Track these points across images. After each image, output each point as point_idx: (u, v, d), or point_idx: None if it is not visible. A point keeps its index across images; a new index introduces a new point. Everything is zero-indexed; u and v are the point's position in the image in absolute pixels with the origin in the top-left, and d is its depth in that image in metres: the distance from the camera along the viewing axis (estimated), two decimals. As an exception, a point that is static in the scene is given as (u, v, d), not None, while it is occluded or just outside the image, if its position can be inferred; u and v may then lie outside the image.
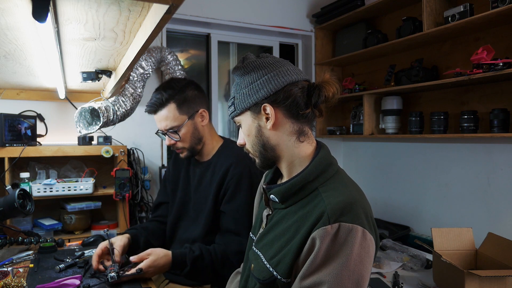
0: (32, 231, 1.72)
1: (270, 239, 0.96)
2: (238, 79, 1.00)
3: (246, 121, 0.99)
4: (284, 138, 0.96)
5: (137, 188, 2.35)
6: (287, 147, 0.96)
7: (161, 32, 2.34)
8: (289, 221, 0.92)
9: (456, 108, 2.28)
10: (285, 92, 0.93)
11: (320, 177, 0.92)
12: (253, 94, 0.95)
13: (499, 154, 2.12)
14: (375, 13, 2.74)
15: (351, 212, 0.82)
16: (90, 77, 1.63)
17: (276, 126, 0.95)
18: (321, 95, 0.93)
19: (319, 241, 0.81)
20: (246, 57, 1.01)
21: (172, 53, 2.42)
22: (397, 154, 2.76)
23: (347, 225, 0.80)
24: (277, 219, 0.97)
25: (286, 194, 0.94)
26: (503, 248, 1.60)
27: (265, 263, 0.93)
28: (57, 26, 1.01)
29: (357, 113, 2.80)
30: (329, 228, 0.80)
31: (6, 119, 1.85)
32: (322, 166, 0.93)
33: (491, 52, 1.88)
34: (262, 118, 0.96)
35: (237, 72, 1.00)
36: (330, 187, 0.90)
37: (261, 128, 0.96)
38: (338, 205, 0.83)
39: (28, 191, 1.53)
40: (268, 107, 0.93)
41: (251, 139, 0.99)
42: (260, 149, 0.98)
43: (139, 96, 2.22)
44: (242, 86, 0.98)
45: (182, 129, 1.48)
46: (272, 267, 0.91)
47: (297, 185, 0.92)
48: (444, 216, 2.41)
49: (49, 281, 1.25)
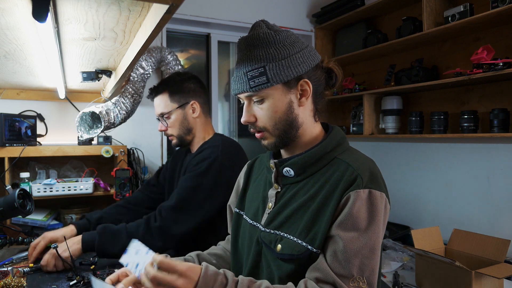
0: (32, 231, 1.72)
1: (287, 215, 0.91)
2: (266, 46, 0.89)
3: (275, 95, 0.90)
4: (308, 117, 0.95)
5: (137, 188, 2.35)
6: (308, 126, 0.95)
7: (161, 32, 2.34)
8: (310, 192, 0.90)
9: (456, 108, 2.28)
10: (318, 70, 0.94)
11: (338, 148, 0.93)
12: (295, 66, 0.89)
13: (499, 154, 2.12)
14: (375, 13, 2.74)
15: (377, 179, 0.87)
16: (90, 77, 1.63)
17: (305, 103, 0.93)
18: (337, 78, 0.97)
19: (351, 201, 0.83)
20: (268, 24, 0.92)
21: (172, 53, 2.41)
22: (397, 154, 2.76)
23: (377, 192, 0.85)
24: (292, 193, 0.94)
25: (304, 165, 0.92)
26: (469, 241, 1.71)
27: (295, 240, 0.88)
28: (57, 26, 1.01)
29: (357, 113, 2.80)
30: (362, 193, 0.83)
31: (6, 119, 1.85)
32: (338, 138, 0.95)
33: (491, 52, 1.88)
34: (295, 93, 0.91)
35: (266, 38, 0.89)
36: (351, 156, 0.92)
37: (292, 104, 0.91)
38: (367, 172, 0.87)
39: (28, 191, 1.53)
40: (307, 83, 0.91)
41: (277, 115, 0.91)
42: (285, 127, 0.92)
43: (139, 97, 2.22)
44: (278, 56, 0.88)
45: (171, 116, 1.57)
46: (305, 242, 0.86)
47: (316, 154, 0.92)
48: (444, 216, 2.41)
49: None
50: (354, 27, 2.84)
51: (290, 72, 0.88)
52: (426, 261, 1.67)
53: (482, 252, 1.63)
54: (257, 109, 0.93)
